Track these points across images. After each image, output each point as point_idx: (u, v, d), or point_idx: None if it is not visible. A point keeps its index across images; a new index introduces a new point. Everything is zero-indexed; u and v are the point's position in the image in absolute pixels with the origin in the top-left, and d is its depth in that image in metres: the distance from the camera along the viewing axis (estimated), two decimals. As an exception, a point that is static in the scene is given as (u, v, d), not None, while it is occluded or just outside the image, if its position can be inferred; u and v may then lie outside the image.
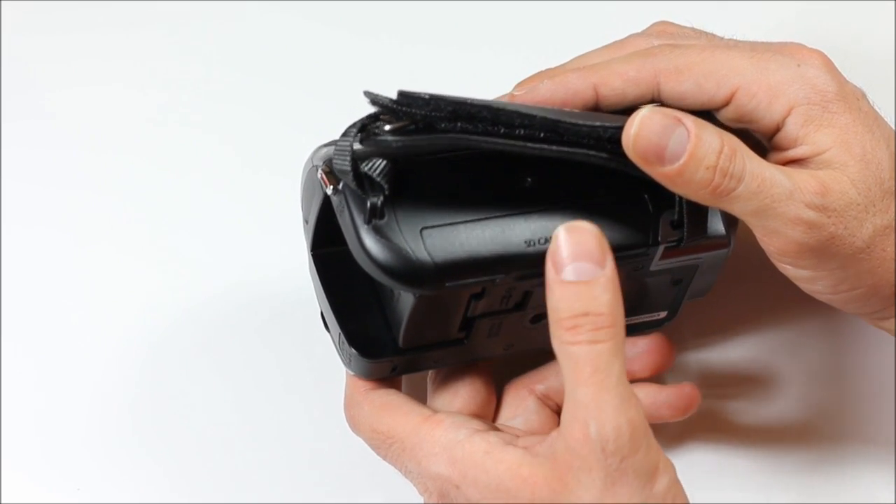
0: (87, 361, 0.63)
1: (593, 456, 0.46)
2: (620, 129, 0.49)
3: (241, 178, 0.68)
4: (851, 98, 0.52)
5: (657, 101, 0.52)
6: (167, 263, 0.65)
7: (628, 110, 0.50)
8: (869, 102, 0.53)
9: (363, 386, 0.54)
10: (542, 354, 0.56)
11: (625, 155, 0.49)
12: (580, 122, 0.49)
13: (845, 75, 0.53)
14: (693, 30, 0.57)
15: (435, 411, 0.53)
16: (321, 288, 0.55)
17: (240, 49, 0.72)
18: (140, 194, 0.67)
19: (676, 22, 0.58)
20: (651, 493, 0.47)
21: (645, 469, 0.47)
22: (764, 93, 0.51)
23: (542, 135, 0.48)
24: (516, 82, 0.56)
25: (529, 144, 0.48)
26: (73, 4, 0.73)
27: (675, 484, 0.48)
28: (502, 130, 0.48)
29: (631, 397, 0.47)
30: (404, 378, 0.56)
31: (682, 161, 0.48)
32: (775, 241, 0.50)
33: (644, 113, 0.48)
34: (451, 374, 0.56)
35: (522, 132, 0.48)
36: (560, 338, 0.47)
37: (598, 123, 0.49)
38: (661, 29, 0.57)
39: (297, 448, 0.61)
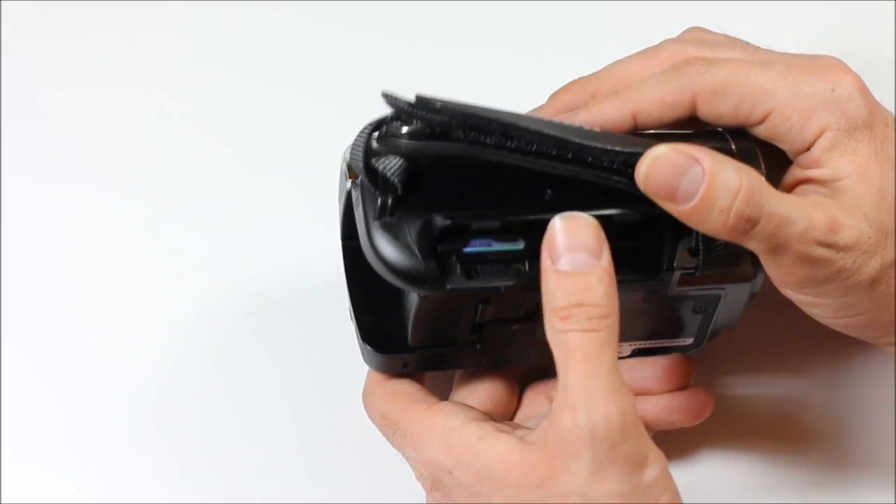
0: (87, 361, 0.62)
1: (581, 442, 0.46)
2: (633, 155, 0.48)
3: (242, 178, 0.68)
4: (879, 125, 0.52)
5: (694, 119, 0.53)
6: (167, 263, 0.65)
7: (659, 134, 0.51)
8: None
9: (380, 376, 0.55)
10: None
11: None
12: (592, 143, 0.48)
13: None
14: (726, 37, 0.56)
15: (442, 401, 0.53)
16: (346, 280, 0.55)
17: (240, 49, 0.72)
18: (140, 194, 0.67)
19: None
20: (639, 482, 0.47)
21: (634, 458, 0.47)
22: (797, 116, 0.51)
23: (553, 152, 0.48)
24: (547, 91, 0.56)
25: (540, 161, 0.48)
26: (73, 4, 0.73)
27: (665, 474, 0.48)
28: (513, 145, 0.48)
29: (622, 387, 0.47)
30: (430, 376, 0.56)
31: (694, 202, 0.48)
32: (780, 272, 0.50)
33: (657, 152, 0.48)
34: (474, 373, 0.56)
35: (534, 148, 0.48)
36: (554, 326, 0.47)
37: (609, 147, 0.48)
38: (696, 36, 0.56)
39: (303, 446, 0.61)
